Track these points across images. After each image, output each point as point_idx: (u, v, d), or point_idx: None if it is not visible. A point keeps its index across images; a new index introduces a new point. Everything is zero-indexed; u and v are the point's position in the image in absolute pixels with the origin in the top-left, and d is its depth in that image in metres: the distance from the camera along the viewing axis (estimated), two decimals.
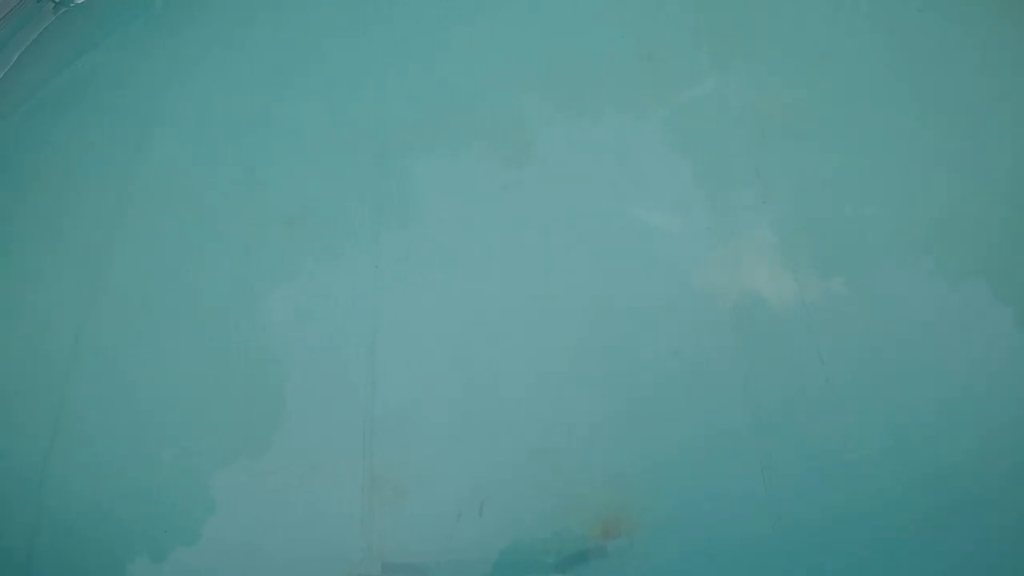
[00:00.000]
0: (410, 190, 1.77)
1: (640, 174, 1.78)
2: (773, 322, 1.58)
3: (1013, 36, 1.94)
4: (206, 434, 1.61)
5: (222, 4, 2.23)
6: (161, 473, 1.60)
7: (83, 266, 1.79)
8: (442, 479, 1.47)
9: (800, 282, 1.61)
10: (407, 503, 1.46)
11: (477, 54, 1.98)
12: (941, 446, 1.46)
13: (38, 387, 1.68)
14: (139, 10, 2.31)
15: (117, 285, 1.75)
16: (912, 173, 1.74)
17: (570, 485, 1.45)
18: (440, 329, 1.61)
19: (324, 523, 1.48)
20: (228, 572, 1.51)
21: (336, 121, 1.89)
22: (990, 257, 1.63)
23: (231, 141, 1.89)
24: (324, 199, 1.78)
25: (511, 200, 1.75)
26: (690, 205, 1.72)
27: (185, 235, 1.79)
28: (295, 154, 1.85)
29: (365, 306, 1.63)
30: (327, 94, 1.94)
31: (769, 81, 1.93)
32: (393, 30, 2.03)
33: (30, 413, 1.66)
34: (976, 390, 1.51)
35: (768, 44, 1.98)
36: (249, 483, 1.55)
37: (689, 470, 1.47)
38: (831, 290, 1.62)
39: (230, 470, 1.58)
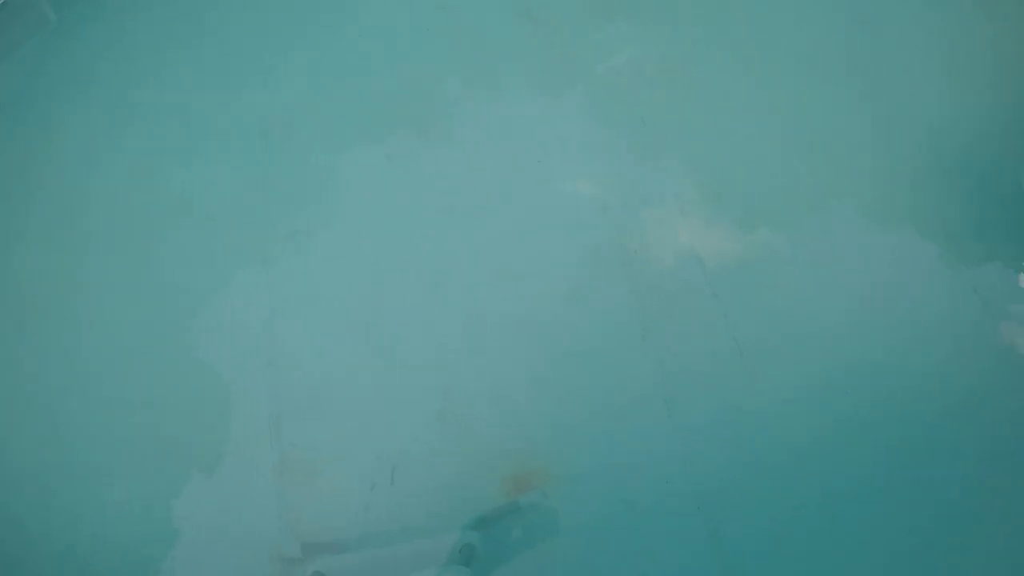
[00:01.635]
0: (297, 168, 1.78)
1: (540, 138, 1.81)
2: (665, 274, 1.61)
3: None
4: (106, 444, 1.55)
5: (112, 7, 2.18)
6: (67, 483, 1.56)
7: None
8: (351, 453, 1.47)
9: (733, 236, 1.64)
10: (319, 480, 1.45)
11: (362, 33, 1.99)
12: (850, 397, 1.49)
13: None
14: (35, 27, 2.28)
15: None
16: (830, 125, 1.79)
17: (477, 446, 1.46)
18: (337, 304, 1.61)
19: (240, 511, 1.46)
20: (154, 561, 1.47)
21: (220, 104, 1.88)
22: (911, 201, 1.68)
23: (116, 138, 1.86)
24: (211, 185, 1.76)
25: (400, 170, 1.76)
26: (618, 170, 1.75)
27: (74, 233, 1.75)
28: (180, 143, 1.83)
29: (260, 288, 1.63)
30: (209, 79, 1.93)
31: (685, 44, 1.95)
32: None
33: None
34: (914, 331, 1.54)
35: (684, 7, 2.02)
36: (160, 485, 1.51)
37: (597, 423, 1.48)
38: (765, 240, 1.65)
39: (135, 475, 1.53)
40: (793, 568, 1.36)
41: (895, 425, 1.46)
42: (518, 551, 1.36)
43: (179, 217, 1.72)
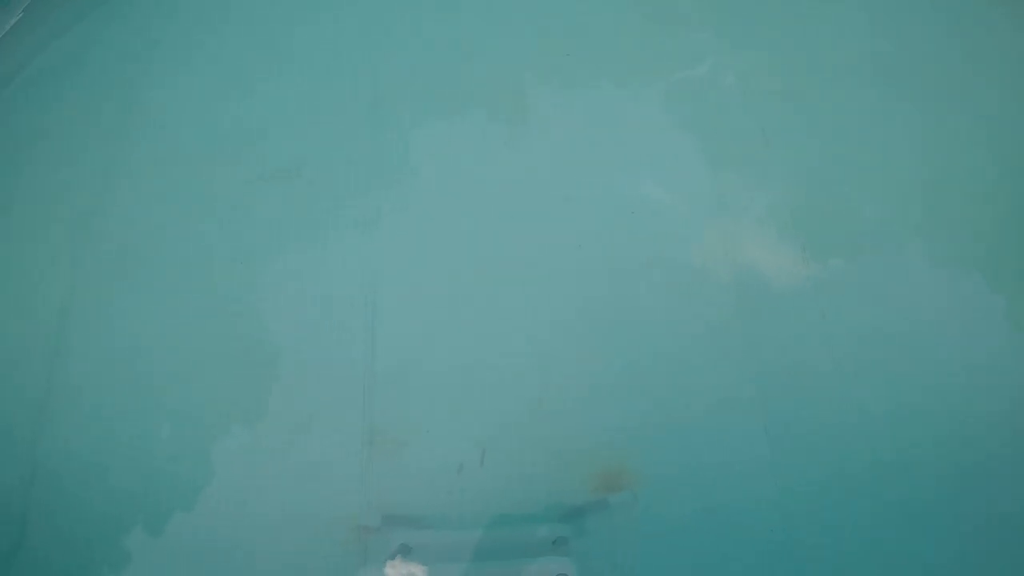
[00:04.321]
0: (405, 145, 1.76)
1: (645, 144, 1.78)
2: (774, 291, 1.58)
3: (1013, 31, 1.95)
4: (202, 394, 1.60)
5: None
6: (157, 433, 1.58)
7: (75, 227, 1.77)
8: (443, 432, 1.45)
9: (802, 257, 1.61)
10: (407, 456, 1.44)
11: (476, 12, 1.96)
12: (939, 420, 1.46)
13: (33, 343, 1.66)
14: None
15: (109, 245, 1.74)
16: (911, 158, 1.73)
17: (571, 439, 1.44)
18: (440, 283, 1.59)
19: (324, 477, 1.46)
20: (226, 531, 1.49)
21: (330, 76, 1.87)
22: (983, 247, 1.64)
23: (222, 99, 1.87)
24: (318, 154, 1.75)
25: (511, 157, 1.74)
26: (693, 177, 1.72)
27: (177, 194, 1.77)
28: (288, 110, 1.83)
29: (364, 260, 1.62)
30: (322, 49, 1.92)
31: (775, 62, 1.92)
32: None
33: (25, 369, 1.64)
34: (970, 377, 1.51)
35: (774, 25, 1.97)
36: (247, 441, 1.53)
37: (693, 429, 1.46)
38: (832, 267, 1.61)
39: (226, 429, 1.56)
40: None
41: (969, 452, 1.45)
42: (604, 551, 1.36)
43: (285, 185, 1.72)
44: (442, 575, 1.35)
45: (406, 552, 1.31)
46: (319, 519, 1.44)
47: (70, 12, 2.27)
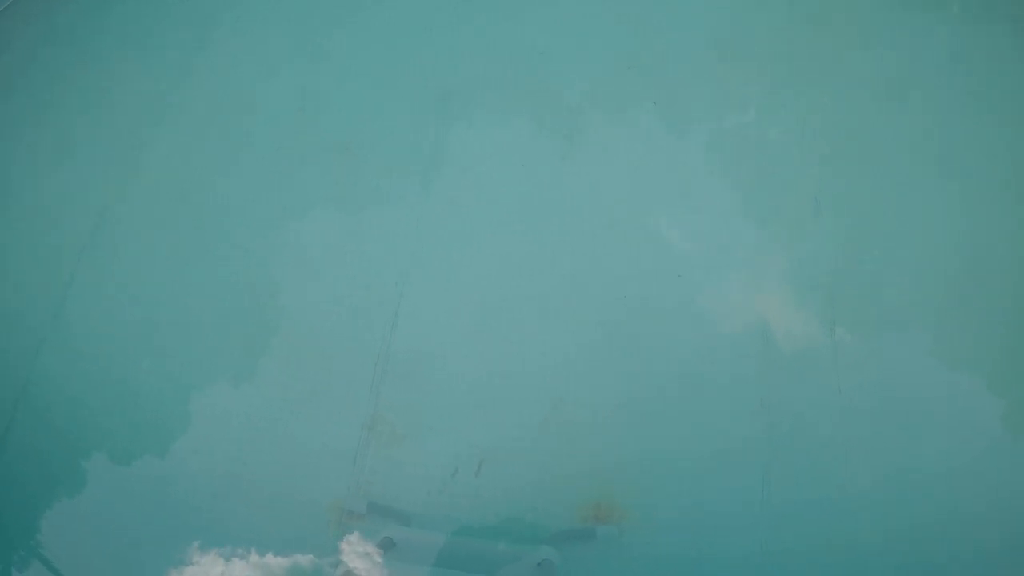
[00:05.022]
0: (462, 141, 1.76)
1: (684, 182, 1.77)
2: (794, 353, 1.57)
3: None
4: (204, 352, 1.59)
5: None
6: (149, 382, 1.56)
7: (118, 156, 1.75)
8: (444, 433, 1.44)
9: (828, 325, 1.61)
10: (405, 449, 1.43)
11: (554, 21, 1.95)
12: (925, 510, 1.46)
13: (51, 261, 1.65)
14: None
15: (150, 177, 1.72)
16: (947, 243, 1.70)
17: (570, 464, 1.44)
18: (470, 285, 1.59)
19: (316, 454, 1.45)
20: (205, 493, 1.46)
21: (401, 59, 1.87)
22: (996, 349, 1.62)
23: (289, 62, 1.86)
24: (377, 133, 1.75)
25: (558, 175, 1.73)
26: (726, 223, 1.72)
27: (228, 143, 1.76)
28: (354, 84, 1.82)
29: (401, 246, 1.61)
30: (394, 31, 1.92)
31: (827, 125, 1.88)
32: None
33: (39, 286, 1.63)
34: (961, 475, 1.49)
35: (822, 76, 1.94)
36: (244, 406, 1.51)
37: (691, 474, 1.46)
38: (854, 340, 1.61)
39: (224, 391, 1.55)
40: None
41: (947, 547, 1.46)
42: None
43: (338, 156, 1.71)
44: None
45: (389, 546, 1.30)
46: (304, 495, 1.42)
47: None
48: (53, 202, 1.72)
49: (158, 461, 1.51)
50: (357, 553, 1.33)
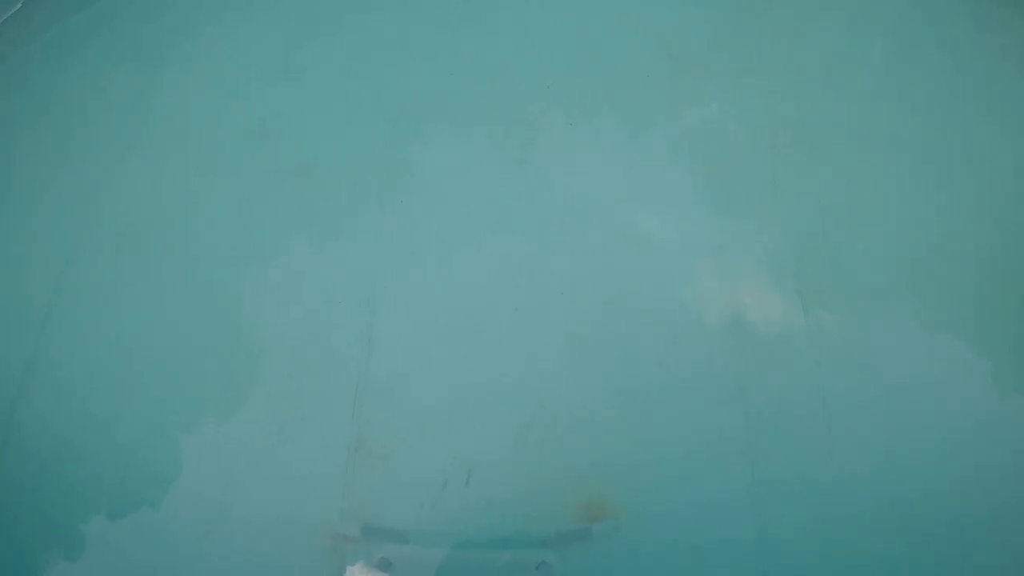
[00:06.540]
0: (421, 158, 1.76)
1: (648, 181, 1.78)
2: (769, 336, 1.59)
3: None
4: (186, 385, 1.57)
5: None
6: (135, 420, 1.55)
7: (81, 198, 1.74)
8: (430, 447, 1.44)
9: (799, 305, 1.62)
10: (392, 467, 1.43)
11: (504, 38, 1.97)
12: (917, 479, 1.48)
13: (22, 309, 1.63)
14: None
15: (112, 221, 1.71)
16: (915, 217, 1.73)
17: (558, 466, 1.44)
18: (441, 298, 1.59)
19: (305, 481, 1.44)
20: (197, 529, 1.45)
21: (354, 80, 1.87)
22: (973, 312, 1.64)
23: (245, 89, 1.86)
24: (334, 156, 1.75)
25: (519, 183, 1.74)
26: (694, 218, 1.72)
27: (187, 179, 1.75)
28: (310, 109, 1.82)
29: (367, 267, 1.61)
30: (348, 52, 1.92)
31: (787, 110, 1.91)
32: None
33: (12, 334, 1.61)
34: (952, 438, 1.52)
35: (783, 70, 1.97)
36: (229, 437, 1.51)
37: (678, 466, 1.47)
38: (828, 318, 1.62)
39: (209, 424, 1.53)
40: None
41: (944, 513, 1.47)
42: None
43: (297, 182, 1.72)
44: None
45: (386, 566, 1.30)
46: (297, 523, 1.42)
47: None
48: (19, 251, 1.70)
49: (147, 503, 1.50)
50: None
